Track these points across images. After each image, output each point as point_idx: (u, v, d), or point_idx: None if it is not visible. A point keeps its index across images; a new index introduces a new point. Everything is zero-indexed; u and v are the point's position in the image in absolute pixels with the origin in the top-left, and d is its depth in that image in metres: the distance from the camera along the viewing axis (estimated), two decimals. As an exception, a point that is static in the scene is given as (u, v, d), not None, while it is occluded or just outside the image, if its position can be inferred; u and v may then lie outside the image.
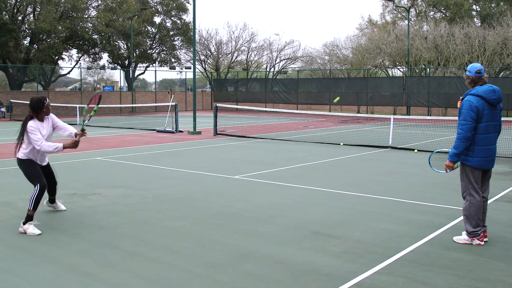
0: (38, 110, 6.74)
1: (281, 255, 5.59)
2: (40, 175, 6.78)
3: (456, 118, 6.16)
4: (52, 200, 7.57)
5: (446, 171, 6.21)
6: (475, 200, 6.01)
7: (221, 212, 7.56)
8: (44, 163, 7.07)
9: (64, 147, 6.68)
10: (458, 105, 6.10)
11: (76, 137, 6.80)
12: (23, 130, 6.67)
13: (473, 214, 5.99)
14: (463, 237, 6.10)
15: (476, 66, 6.10)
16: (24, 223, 6.50)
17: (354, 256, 5.58)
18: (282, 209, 7.80)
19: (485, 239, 6.08)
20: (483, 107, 5.91)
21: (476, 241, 5.99)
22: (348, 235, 6.39)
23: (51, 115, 6.99)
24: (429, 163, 7.18)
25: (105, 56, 51.51)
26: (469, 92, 6.05)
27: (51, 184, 7.23)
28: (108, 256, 5.55)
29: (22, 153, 6.80)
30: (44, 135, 6.74)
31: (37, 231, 6.43)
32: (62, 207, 7.67)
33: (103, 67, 53.57)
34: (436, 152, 7.68)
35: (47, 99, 6.89)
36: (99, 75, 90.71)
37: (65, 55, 46.30)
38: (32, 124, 6.66)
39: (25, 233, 6.40)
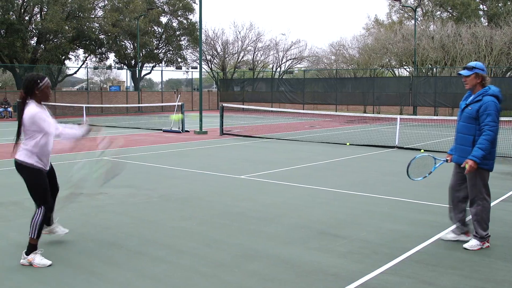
0: (30, 93, 5.28)
1: (287, 255, 5.58)
2: (48, 193, 5.44)
3: None
4: (48, 219, 5.75)
5: (467, 173, 5.81)
6: (488, 204, 5.88)
7: (227, 212, 7.56)
8: (48, 166, 5.59)
9: (82, 135, 5.56)
10: None
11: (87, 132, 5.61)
12: (21, 120, 5.24)
13: (485, 218, 5.87)
14: (475, 243, 5.87)
15: (481, 64, 5.97)
16: (27, 253, 5.27)
17: (360, 256, 5.56)
18: (288, 209, 7.79)
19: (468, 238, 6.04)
20: (500, 108, 5.80)
21: (486, 244, 5.93)
22: (354, 235, 6.38)
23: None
24: (408, 174, 6.59)
25: (111, 56, 51.75)
26: (486, 92, 5.79)
27: (52, 191, 5.66)
28: (114, 256, 5.56)
29: (25, 155, 5.28)
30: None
31: (47, 261, 5.24)
32: (62, 230, 6.00)
33: (109, 67, 53.71)
34: (418, 157, 6.76)
35: (45, 79, 5.37)
36: (105, 75, 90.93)
37: (72, 55, 46.47)
38: (36, 109, 5.22)
39: (31, 265, 5.21)
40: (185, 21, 52.25)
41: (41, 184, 5.36)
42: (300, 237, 6.29)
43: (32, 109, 5.22)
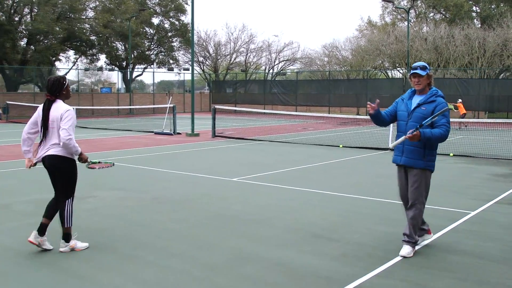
0: (57, 93, 5.66)
1: (280, 258, 5.54)
2: None
3: (457, 120, 5.80)
4: (44, 229, 5.80)
5: (406, 138, 5.70)
6: (423, 208, 5.77)
7: (220, 215, 7.50)
8: None
9: (80, 155, 5.79)
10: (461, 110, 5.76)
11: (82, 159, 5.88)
12: (46, 118, 5.60)
13: (420, 222, 5.77)
14: (412, 250, 5.65)
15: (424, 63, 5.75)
16: (67, 241, 5.75)
17: (354, 259, 5.52)
18: (281, 211, 7.74)
19: None
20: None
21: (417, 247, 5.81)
22: (347, 237, 6.34)
23: None
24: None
25: (102, 58, 51.71)
26: (437, 93, 5.70)
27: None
28: (105, 259, 5.49)
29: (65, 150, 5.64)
30: None
31: (85, 244, 5.87)
32: (49, 246, 5.83)
33: (100, 69, 53.49)
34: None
35: (67, 79, 5.87)
36: (96, 77, 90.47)
37: (62, 56, 46.35)
38: (68, 108, 5.63)
39: (73, 250, 5.72)
40: (177, 22, 52.20)
41: (77, 176, 5.86)
42: (293, 239, 6.24)
43: (69, 106, 5.68)
